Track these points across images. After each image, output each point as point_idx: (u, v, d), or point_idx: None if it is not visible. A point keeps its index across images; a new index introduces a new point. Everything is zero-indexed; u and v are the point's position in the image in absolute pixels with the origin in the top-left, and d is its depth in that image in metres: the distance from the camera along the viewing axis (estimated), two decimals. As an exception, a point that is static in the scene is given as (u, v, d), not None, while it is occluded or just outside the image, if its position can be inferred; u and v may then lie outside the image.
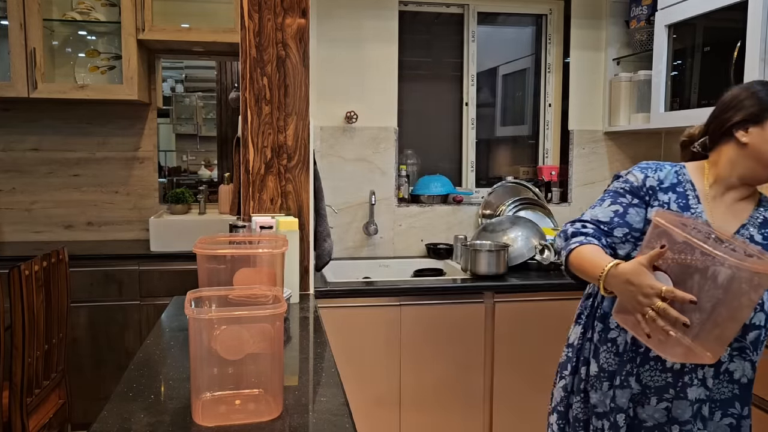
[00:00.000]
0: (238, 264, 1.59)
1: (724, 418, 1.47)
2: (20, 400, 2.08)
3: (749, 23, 2.27)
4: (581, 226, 1.52)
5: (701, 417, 1.48)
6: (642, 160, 3.40)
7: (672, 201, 1.49)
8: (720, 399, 1.48)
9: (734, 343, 1.44)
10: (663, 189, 1.51)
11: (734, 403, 1.48)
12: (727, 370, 1.48)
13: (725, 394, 1.48)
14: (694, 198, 1.50)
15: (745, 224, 1.48)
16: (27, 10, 2.95)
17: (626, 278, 1.30)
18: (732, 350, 1.46)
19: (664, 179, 1.53)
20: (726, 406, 1.48)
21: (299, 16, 2.20)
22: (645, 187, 1.52)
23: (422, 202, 3.30)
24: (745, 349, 1.46)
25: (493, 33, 3.58)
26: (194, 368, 1.18)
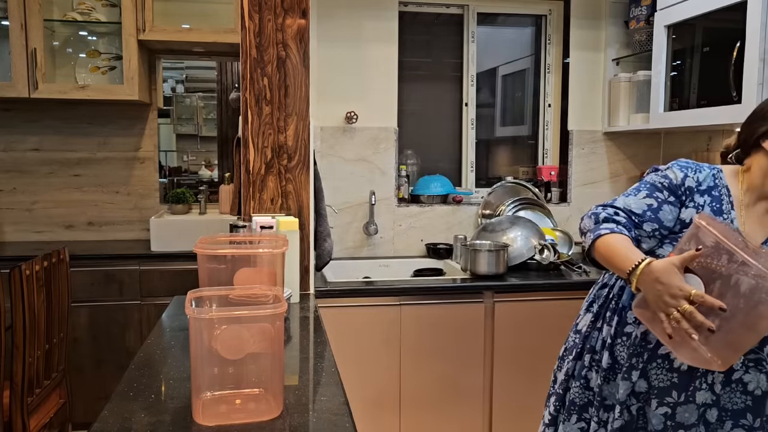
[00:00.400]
0: (239, 264, 1.59)
1: (735, 429, 1.45)
2: (21, 400, 2.08)
3: (749, 23, 2.27)
4: (614, 212, 1.49)
5: (705, 422, 1.46)
6: (641, 160, 3.43)
7: (707, 204, 1.47)
8: (732, 409, 1.45)
9: (750, 354, 1.42)
10: (700, 191, 1.49)
11: (746, 415, 1.45)
12: (740, 380, 1.46)
13: (738, 404, 1.45)
14: (728, 204, 1.48)
15: None
16: (28, 10, 2.95)
17: (656, 276, 1.29)
18: (748, 361, 1.44)
19: (703, 181, 1.50)
20: (738, 417, 1.45)
21: (299, 16, 2.20)
22: (683, 187, 1.49)
23: (422, 202, 3.30)
24: (761, 360, 1.44)
25: (493, 33, 3.58)
26: (195, 368, 1.18)
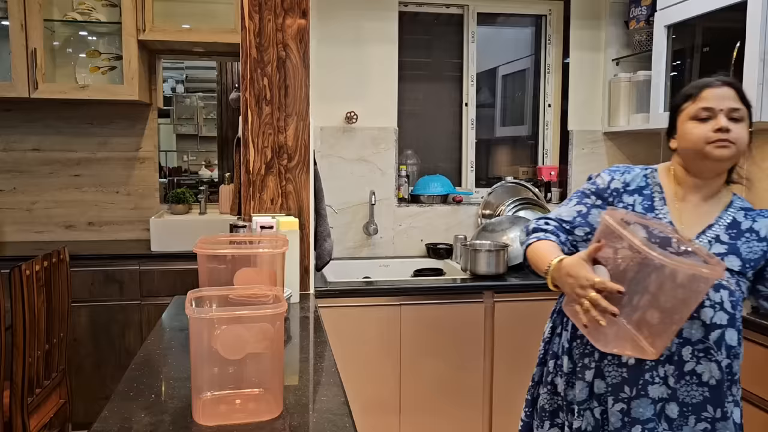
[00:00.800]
0: (239, 264, 1.59)
1: (699, 423, 1.45)
2: (21, 400, 2.08)
3: (749, 23, 2.27)
4: (544, 222, 1.60)
5: (666, 418, 1.46)
6: (641, 160, 3.43)
7: (637, 203, 1.54)
8: (692, 403, 1.45)
9: (698, 344, 1.43)
10: (629, 191, 1.56)
11: (706, 407, 1.45)
12: (694, 372, 1.45)
13: (696, 397, 1.45)
14: (660, 200, 1.54)
15: (712, 225, 1.50)
16: (28, 10, 2.95)
17: (567, 271, 1.39)
18: (697, 351, 1.44)
19: (631, 182, 1.57)
20: (699, 411, 1.45)
21: (299, 16, 2.20)
22: (609, 189, 1.57)
23: (422, 202, 3.30)
24: (710, 350, 1.44)
25: (493, 33, 3.58)
26: (195, 368, 1.18)
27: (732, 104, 1.46)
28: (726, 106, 1.45)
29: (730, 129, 1.43)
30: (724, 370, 1.44)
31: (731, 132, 1.43)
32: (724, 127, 1.43)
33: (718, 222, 1.50)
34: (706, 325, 1.43)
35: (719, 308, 1.42)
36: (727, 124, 1.44)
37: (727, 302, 1.43)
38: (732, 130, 1.43)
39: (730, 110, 1.45)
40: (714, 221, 1.50)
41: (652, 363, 1.45)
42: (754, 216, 1.51)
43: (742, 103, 1.47)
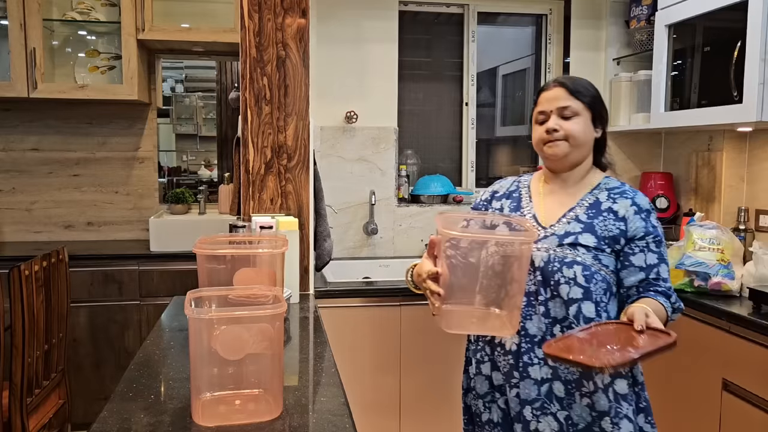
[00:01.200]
0: (238, 264, 1.58)
1: (583, 398, 1.49)
2: (20, 400, 2.08)
3: (749, 23, 2.27)
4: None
5: (556, 397, 1.51)
6: (642, 159, 3.43)
7: (505, 206, 1.68)
8: (573, 379, 1.50)
9: (564, 321, 1.49)
10: (496, 198, 1.72)
11: (583, 382, 1.49)
12: None
13: (574, 373, 1.50)
14: (527, 198, 1.67)
15: (573, 207, 1.59)
16: (27, 10, 2.95)
17: (417, 271, 1.56)
18: (564, 328, 1.50)
19: (500, 189, 1.73)
20: (580, 385, 1.50)
21: (299, 16, 2.20)
22: (481, 201, 1.75)
23: (422, 202, 3.30)
24: (572, 324, 1.49)
25: (493, 33, 3.58)
26: (194, 368, 1.18)
27: (561, 103, 1.56)
28: (555, 106, 1.57)
29: (558, 128, 1.55)
30: None
31: (559, 130, 1.55)
32: (550, 128, 1.56)
33: (579, 204, 1.59)
34: (564, 301, 1.49)
35: (573, 283, 1.49)
36: (555, 123, 1.56)
37: (581, 276, 1.49)
38: (561, 128, 1.55)
39: (559, 109, 1.56)
40: (575, 204, 1.59)
41: (528, 345, 1.52)
42: (615, 197, 1.57)
43: (575, 99, 1.56)
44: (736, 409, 2.12)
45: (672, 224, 3.18)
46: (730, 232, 2.49)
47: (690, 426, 2.36)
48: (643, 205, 1.55)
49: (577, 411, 1.50)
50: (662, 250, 1.54)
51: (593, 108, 1.57)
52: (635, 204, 1.55)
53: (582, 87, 1.58)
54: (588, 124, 1.57)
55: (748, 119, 2.29)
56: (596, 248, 1.51)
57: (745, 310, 2.14)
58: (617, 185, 1.61)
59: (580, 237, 1.52)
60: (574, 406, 1.50)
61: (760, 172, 2.69)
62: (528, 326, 1.52)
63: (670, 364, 2.46)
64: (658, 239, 1.54)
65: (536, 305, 1.52)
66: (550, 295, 1.51)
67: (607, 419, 1.47)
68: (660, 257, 1.53)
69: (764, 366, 2.00)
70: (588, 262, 1.50)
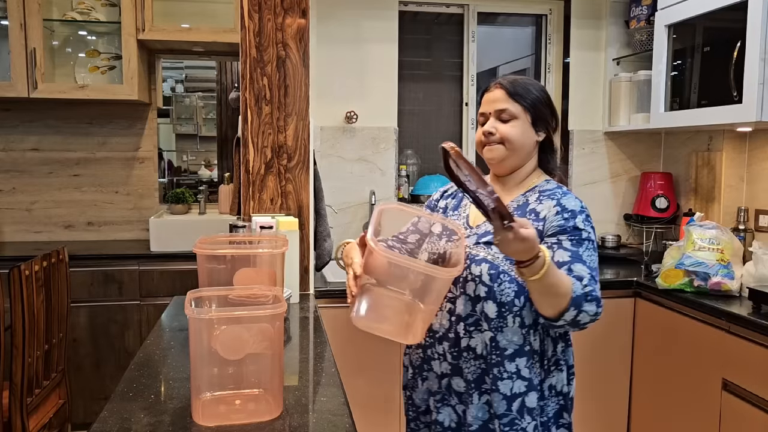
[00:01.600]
0: (238, 264, 1.59)
1: (482, 396, 1.49)
2: (20, 400, 2.08)
3: (749, 23, 2.27)
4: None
5: (455, 392, 1.52)
6: (642, 159, 3.43)
7: (449, 205, 1.68)
8: (473, 378, 1.49)
9: (468, 318, 1.48)
10: (444, 197, 1.72)
11: (484, 379, 1.48)
12: (469, 347, 1.49)
13: (476, 372, 1.49)
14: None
15: None
16: (27, 10, 2.95)
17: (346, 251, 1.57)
18: (468, 326, 1.48)
19: (447, 190, 1.73)
20: (479, 384, 1.49)
21: (299, 16, 2.20)
22: (433, 200, 1.74)
23: (422, 202, 3.30)
24: (479, 321, 1.47)
25: (493, 33, 3.58)
26: (194, 368, 1.18)
27: (499, 105, 1.52)
28: (494, 109, 1.53)
29: (494, 131, 1.52)
30: (488, 343, 1.46)
31: (495, 134, 1.52)
32: (486, 131, 1.53)
33: (508, 206, 1.54)
34: (470, 299, 1.48)
35: (479, 281, 1.46)
36: (491, 126, 1.53)
37: (486, 275, 1.46)
38: (497, 131, 1.52)
39: (497, 112, 1.52)
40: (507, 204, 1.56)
41: (431, 341, 1.54)
42: (543, 198, 1.53)
43: (514, 102, 1.52)
44: (736, 409, 2.13)
45: (672, 224, 3.18)
46: (730, 232, 2.49)
47: (690, 426, 2.36)
48: (568, 206, 1.48)
49: (473, 411, 1.49)
50: (580, 250, 1.43)
51: (533, 111, 1.53)
52: (559, 204, 1.49)
53: (522, 89, 1.53)
54: (527, 127, 1.53)
55: (747, 119, 2.29)
56: None
57: (745, 310, 2.14)
58: (551, 188, 1.55)
59: None
60: (471, 406, 1.49)
61: (759, 172, 2.69)
62: (433, 321, 1.52)
63: (671, 364, 2.46)
64: (576, 238, 1.44)
65: (444, 302, 1.51)
66: (458, 293, 1.49)
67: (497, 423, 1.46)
68: (575, 255, 1.42)
69: (764, 366, 2.00)
70: (497, 261, 1.46)
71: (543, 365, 1.50)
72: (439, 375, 1.54)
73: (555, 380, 1.51)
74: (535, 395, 1.47)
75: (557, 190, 1.54)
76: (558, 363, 1.51)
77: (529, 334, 1.47)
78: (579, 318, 1.36)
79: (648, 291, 2.59)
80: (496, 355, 1.46)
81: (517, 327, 1.46)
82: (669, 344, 2.47)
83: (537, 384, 1.48)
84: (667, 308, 2.48)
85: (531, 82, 1.56)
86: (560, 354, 1.52)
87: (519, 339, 1.46)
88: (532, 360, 1.47)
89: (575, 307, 1.35)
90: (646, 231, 3.25)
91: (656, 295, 2.53)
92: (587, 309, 1.36)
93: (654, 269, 2.71)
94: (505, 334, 1.46)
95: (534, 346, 1.48)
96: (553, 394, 1.51)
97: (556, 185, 1.57)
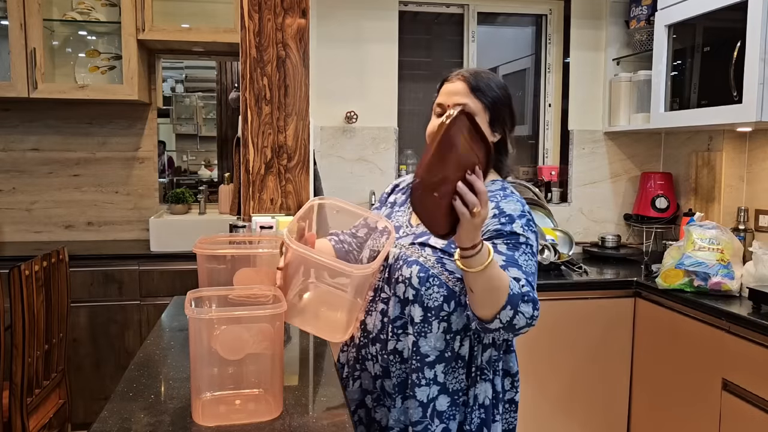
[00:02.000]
0: (238, 264, 1.58)
1: (406, 401, 1.46)
2: (20, 400, 2.08)
3: (749, 23, 2.27)
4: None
5: (386, 392, 1.50)
6: (642, 159, 3.42)
7: (398, 200, 1.64)
8: (398, 382, 1.47)
9: (397, 321, 1.44)
10: (395, 191, 1.68)
11: (408, 383, 1.46)
12: (395, 350, 1.46)
13: (400, 376, 1.47)
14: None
15: None
16: (27, 10, 2.95)
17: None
18: (396, 328, 1.45)
19: (400, 184, 1.70)
20: (403, 388, 1.47)
21: (299, 16, 2.20)
22: (384, 194, 1.71)
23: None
24: (407, 324, 1.44)
25: (493, 33, 3.58)
26: (194, 368, 1.18)
27: (459, 99, 1.43)
28: (452, 102, 1.43)
29: None
30: (410, 347, 1.43)
31: None
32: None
33: None
34: (400, 301, 1.44)
35: (408, 283, 1.42)
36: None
37: (415, 277, 1.41)
38: None
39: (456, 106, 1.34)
40: None
41: (365, 341, 1.51)
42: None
43: (475, 98, 1.44)
44: (736, 408, 2.13)
45: (672, 224, 3.19)
46: (730, 232, 2.49)
47: (690, 426, 2.36)
48: (506, 210, 1.41)
49: (395, 415, 1.48)
50: (516, 254, 1.35)
51: (492, 110, 1.46)
52: (497, 207, 1.42)
53: (485, 84, 1.45)
54: (484, 126, 1.43)
55: (747, 119, 2.29)
56: (443, 251, 1.41)
57: (745, 310, 2.14)
58: (494, 189, 1.49)
59: (432, 238, 1.42)
60: (393, 410, 1.48)
61: (759, 172, 2.69)
62: (367, 321, 1.50)
63: (671, 363, 2.46)
64: (512, 242, 1.37)
65: (378, 302, 1.48)
66: (391, 293, 1.46)
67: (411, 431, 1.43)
68: (510, 259, 1.34)
69: (764, 366, 2.00)
70: (428, 264, 1.41)
71: (470, 373, 1.45)
72: (373, 376, 1.52)
73: (480, 390, 1.45)
74: (445, 398, 1.43)
75: (499, 192, 1.47)
76: (484, 372, 1.45)
77: (454, 340, 1.42)
78: (515, 320, 1.28)
79: (648, 291, 2.59)
80: (417, 361, 1.42)
81: (441, 333, 1.41)
82: (669, 344, 2.47)
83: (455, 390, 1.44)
84: (667, 308, 2.48)
85: (494, 79, 1.49)
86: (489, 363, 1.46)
87: (441, 344, 1.42)
88: (454, 365, 1.43)
89: (512, 306, 1.27)
90: (646, 231, 3.25)
91: (656, 295, 2.53)
92: (524, 310, 1.28)
93: (654, 269, 2.71)
94: (428, 339, 1.41)
95: (461, 352, 1.43)
96: (476, 407, 1.46)
97: (501, 187, 1.50)
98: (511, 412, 1.54)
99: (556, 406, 2.68)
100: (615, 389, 2.72)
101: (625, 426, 2.74)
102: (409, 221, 1.53)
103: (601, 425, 2.73)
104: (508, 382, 1.53)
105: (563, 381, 2.67)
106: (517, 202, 1.44)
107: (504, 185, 1.52)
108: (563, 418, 2.69)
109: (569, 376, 2.67)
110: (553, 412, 2.68)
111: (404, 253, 1.45)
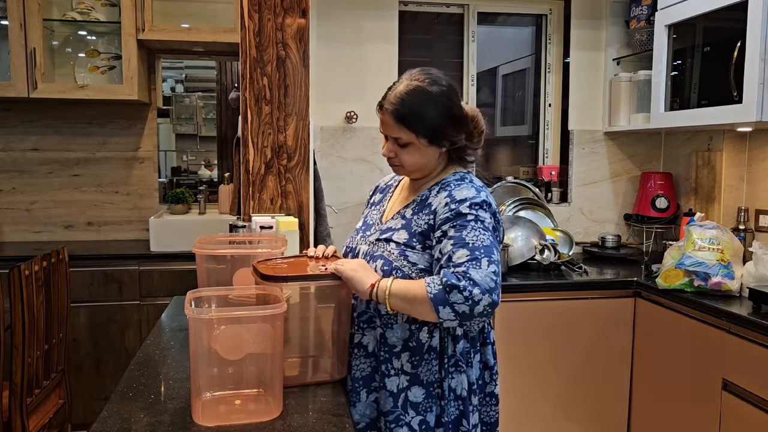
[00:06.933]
0: (238, 264, 1.59)
1: (370, 394, 1.49)
2: (20, 400, 2.08)
3: (749, 23, 2.27)
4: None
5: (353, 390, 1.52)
6: (642, 159, 3.42)
7: (377, 200, 1.71)
8: (361, 377, 1.50)
9: (363, 315, 1.50)
10: (378, 191, 1.75)
11: (374, 377, 1.49)
12: (360, 344, 1.50)
13: (365, 371, 1.49)
14: (390, 194, 1.68)
15: (408, 204, 1.55)
16: (27, 10, 2.95)
17: None
18: (362, 322, 1.50)
19: (380, 184, 1.77)
20: (368, 381, 1.49)
21: (299, 16, 2.20)
22: (371, 192, 1.79)
23: (422, 202, 3.30)
24: (373, 318, 1.49)
25: (493, 33, 3.58)
26: (194, 368, 1.18)
27: (392, 133, 1.48)
28: (388, 134, 1.50)
29: (393, 155, 1.50)
30: (378, 339, 1.48)
31: (395, 158, 1.50)
32: (385, 154, 1.53)
33: (414, 201, 1.54)
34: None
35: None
36: (389, 151, 1.51)
37: (379, 271, 1.46)
38: (397, 155, 1.50)
39: (392, 138, 1.49)
40: (411, 201, 1.55)
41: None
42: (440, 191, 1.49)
43: (405, 130, 1.45)
44: (736, 408, 2.12)
45: (672, 224, 3.18)
46: (730, 232, 2.49)
47: (690, 426, 2.36)
48: (458, 196, 1.42)
49: (360, 409, 1.49)
50: (463, 233, 1.36)
51: (428, 134, 1.45)
52: (450, 195, 1.43)
53: (410, 112, 1.44)
54: (424, 149, 1.47)
55: (747, 119, 2.29)
56: (405, 245, 1.46)
57: (745, 310, 2.14)
58: (453, 179, 1.50)
59: (395, 233, 1.49)
60: (358, 405, 1.50)
61: (760, 172, 2.69)
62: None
63: (671, 364, 2.46)
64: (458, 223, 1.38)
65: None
66: None
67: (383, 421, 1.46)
68: (458, 241, 1.35)
69: (764, 366, 2.00)
70: (392, 257, 1.45)
71: (443, 364, 1.46)
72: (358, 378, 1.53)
73: (455, 382, 1.47)
74: (420, 390, 1.46)
75: (454, 182, 1.49)
76: (458, 364, 1.47)
77: (420, 330, 1.46)
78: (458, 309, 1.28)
79: (648, 291, 2.59)
80: (385, 352, 1.47)
81: (404, 322, 1.46)
82: (669, 344, 2.46)
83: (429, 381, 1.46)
84: (667, 308, 2.48)
85: (423, 99, 1.45)
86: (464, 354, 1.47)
87: (405, 334, 1.46)
88: (426, 357, 1.46)
89: (441, 304, 1.29)
90: (646, 231, 3.25)
91: (656, 295, 2.53)
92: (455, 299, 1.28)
93: (654, 269, 2.71)
94: (394, 330, 1.47)
95: (432, 344, 1.46)
96: (452, 398, 1.47)
97: (459, 177, 1.51)
98: (491, 405, 1.56)
99: (556, 406, 2.68)
100: (615, 389, 2.72)
101: (625, 426, 2.74)
102: (380, 219, 1.60)
103: (602, 425, 2.73)
104: (488, 375, 1.55)
105: (563, 381, 2.67)
106: (471, 188, 1.46)
107: (463, 175, 1.53)
108: (563, 418, 2.69)
109: (569, 375, 2.67)
110: (554, 412, 2.68)
111: (371, 249, 1.52)
